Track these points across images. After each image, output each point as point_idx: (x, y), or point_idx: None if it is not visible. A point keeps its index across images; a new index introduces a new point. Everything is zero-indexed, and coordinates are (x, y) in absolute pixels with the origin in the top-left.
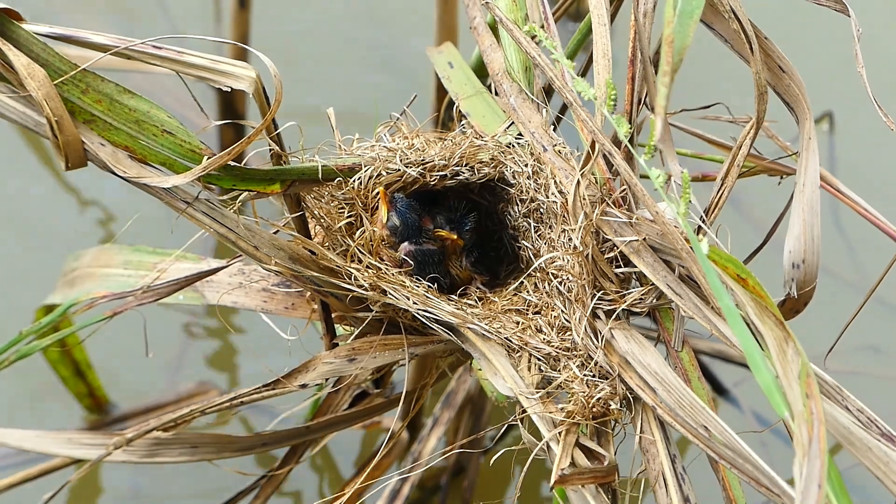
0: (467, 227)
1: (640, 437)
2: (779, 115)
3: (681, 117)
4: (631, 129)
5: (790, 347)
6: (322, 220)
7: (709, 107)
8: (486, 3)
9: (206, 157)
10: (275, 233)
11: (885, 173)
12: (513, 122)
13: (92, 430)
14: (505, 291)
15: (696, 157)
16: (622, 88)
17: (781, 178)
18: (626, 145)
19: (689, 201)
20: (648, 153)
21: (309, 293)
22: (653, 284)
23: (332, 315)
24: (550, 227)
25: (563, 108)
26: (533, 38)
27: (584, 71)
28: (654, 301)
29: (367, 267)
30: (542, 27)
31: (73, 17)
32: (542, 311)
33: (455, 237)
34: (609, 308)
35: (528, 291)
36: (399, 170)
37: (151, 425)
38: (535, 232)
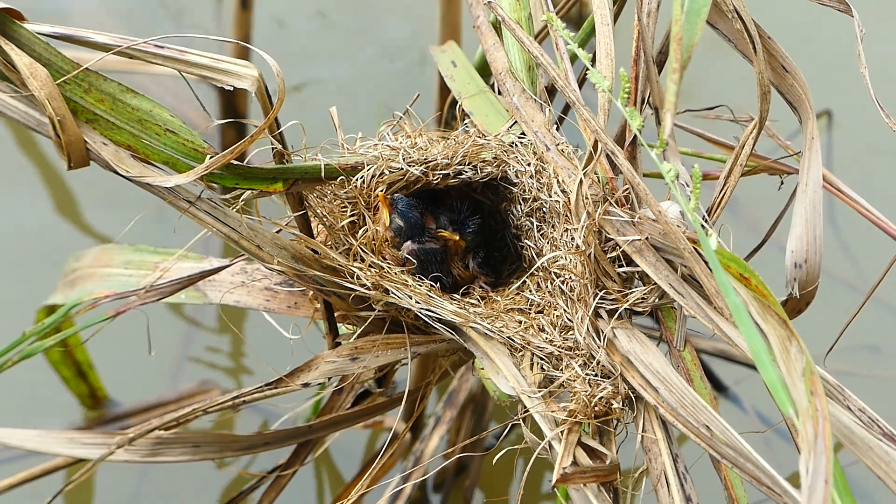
0: (470, 228)
1: (643, 437)
2: (777, 113)
3: (682, 116)
4: (643, 124)
5: (793, 346)
6: (325, 219)
7: (712, 108)
8: (490, 2)
9: (208, 156)
10: (277, 232)
11: (884, 172)
12: (516, 122)
13: (93, 428)
14: (507, 290)
15: (696, 157)
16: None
17: (782, 177)
18: (629, 144)
19: (699, 196)
20: (660, 147)
21: (311, 292)
22: (655, 284)
23: (335, 314)
24: (553, 227)
25: (566, 108)
26: (541, 33)
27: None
28: (657, 300)
29: (370, 266)
30: (547, 27)
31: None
32: (545, 311)
33: (457, 238)
34: (611, 307)
35: (530, 291)
36: (402, 168)
37: (153, 424)
38: (538, 231)
